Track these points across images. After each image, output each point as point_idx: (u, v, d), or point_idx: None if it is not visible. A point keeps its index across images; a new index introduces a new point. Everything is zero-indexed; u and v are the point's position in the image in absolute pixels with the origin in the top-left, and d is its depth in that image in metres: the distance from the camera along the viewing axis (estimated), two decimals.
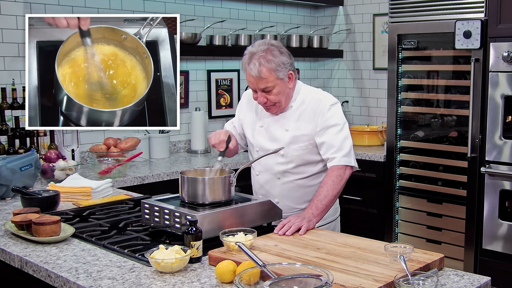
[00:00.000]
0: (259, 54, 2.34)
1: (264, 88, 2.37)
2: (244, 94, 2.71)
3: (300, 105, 2.47)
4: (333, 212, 2.60)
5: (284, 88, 2.41)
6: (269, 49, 2.36)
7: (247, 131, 2.62)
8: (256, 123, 2.57)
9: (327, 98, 2.47)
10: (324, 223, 2.54)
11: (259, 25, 4.68)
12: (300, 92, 2.50)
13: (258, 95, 2.41)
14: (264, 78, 2.34)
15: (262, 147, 2.53)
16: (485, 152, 3.45)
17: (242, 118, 2.65)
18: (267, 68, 2.33)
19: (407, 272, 1.60)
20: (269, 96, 2.39)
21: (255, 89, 2.40)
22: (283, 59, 2.37)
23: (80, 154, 3.65)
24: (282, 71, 2.37)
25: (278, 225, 2.13)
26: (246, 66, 2.37)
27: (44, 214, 2.16)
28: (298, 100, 2.49)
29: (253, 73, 2.34)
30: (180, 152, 4.28)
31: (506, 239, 3.40)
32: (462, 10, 3.57)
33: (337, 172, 2.37)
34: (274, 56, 2.35)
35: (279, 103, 2.43)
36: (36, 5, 3.50)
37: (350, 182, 4.30)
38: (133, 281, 1.68)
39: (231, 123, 2.71)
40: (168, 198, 2.23)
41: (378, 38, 4.81)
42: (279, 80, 2.37)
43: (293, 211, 2.49)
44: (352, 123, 5.03)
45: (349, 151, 2.41)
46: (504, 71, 3.34)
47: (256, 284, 1.54)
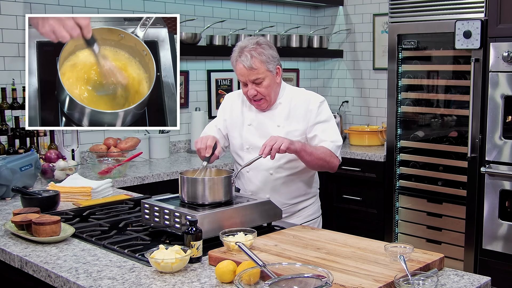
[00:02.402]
0: (250, 47, 2.47)
1: (255, 79, 2.47)
2: (226, 97, 2.78)
3: (289, 103, 2.57)
4: (318, 208, 2.75)
5: (273, 81, 2.52)
6: (258, 43, 2.50)
7: (232, 132, 2.66)
8: (243, 123, 2.63)
9: (315, 96, 2.59)
10: (311, 218, 2.67)
11: (259, 25, 4.68)
12: (286, 89, 2.62)
13: (249, 87, 2.50)
14: (256, 69, 2.45)
15: (252, 145, 2.57)
16: (485, 152, 3.45)
17: (227, 119, 2.69)
18: (259, 60, 2.46)
19: (407, 272, 1.60)
20: (259, 88, 2.49)
21: (245, 81, 2.50)
22: (272, 53, 2.51)
23: (80, 154, 3.65)
24: (272, 64, 2.49)
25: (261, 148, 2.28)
26: (238, 58, 2.49)
27: (44, 214, 2.16)
28: (285, 97, 2.59)
29: (245, 64, 2.45)
30: (180, 152, 4.28)
31: (506, 239, 3.40)
32: (462, 10, 3.57)
33: (329, 152, 2.47)
34: (264, 49, 2.49)
35: (268, 96, 2.52)
36: (36, 5, 3.50)
37: (350, 182, 4.33)
38: (133, 281, 1.68)
39: (215, 126, 2.72)
40: (168, 198, 2.23)
41: (378, 38, 4.81)
42: (269, 72, 2.49)
43: (284, 206, 2.54)
44: (352, 123, 5.03)
45: (339, 145, 2.52)
46: (504, 71, 3.34)
47: (256, 284, 1.54)
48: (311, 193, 2.68)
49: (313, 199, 2.70)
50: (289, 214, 2.60)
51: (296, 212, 2.63)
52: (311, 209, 2.68)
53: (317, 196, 2.74)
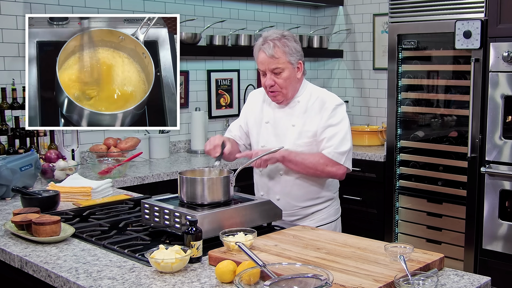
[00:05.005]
0: (274, 37, 2.46)
1: (274, 68, 2.44)
2: (250, 94, 2.77)
3: (307, 101, 2.53)
4: (334, 212, 2.64)
5: (293, 75, 2.49)
6: (283, 34, 2.47)
7: (252, 129, 2.66)
8: (262, 120, 2.61)
9: (334, 97, 2.55)
10: (325, 222, 2.58)
11: (259, 25, 4.68)
12: (307, 88, 2.57)
13: (267, 77, 2.47)
14: (277, 58, 2.43)
15: (267, 143, 2.57)
16: (485, 152, 3.45)
17: (248, 116, 2.69)
18: (282, 50, 2.44)
19: (407, 272, 1.60)
20: (278, 79, 2.46)
21: (265, 70, 2.47)
22: (296, 46, 2.49)
23: (80, 154, 3.65)
24: (294, 56, 2.47)
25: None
26: (260, 46, 2.47)
27: (44, 214, 2.16)
28: (305, 95, 2.55)
29: (267, 52, 2.43)
30: (180, 152, 4.28)
31: (506, 239, 3.40)
32: (462, 10, 3.57)
33: (324, 161, 2.43)
34: (288, 40, 2.47)
35: (285, 89, 2.48)
36: (36, 5, 3.50)
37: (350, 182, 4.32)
38: (133, 281, 1.68)
39: (237, 123, 2.74)
40: (168, 198, 2.23)
41: (378, 38, 4.81)
42: (290, 64, 2.46)
43: (294, 209, 2.52)
44: (352, 123, 4.98)
45: (345, 151, 2.46)
46: (504, 71, 3.34)
47: (256, 284, 1.54)
48: (324, 197, 2.58)
49: (328, 203, 2.60)
50: (301, 217, 2.55)
51: (309, 216, 2.56)
52: (324, 213, 2.59)
53: (333, 200, 2.64)
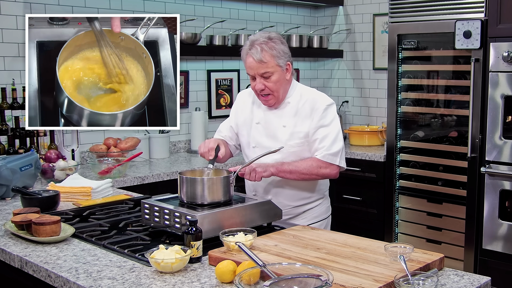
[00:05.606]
0: (261, 41, 2.44)
1: (264, 73, 2.44)
2: (239, 95, 2.77)
3: (297, 102, 2.53)
4: (325, 210, 2.70)
5: (282, 77, 2.48)
6: (270, 37, 2.47)
7: (242, 130, 2.66)
8: (252, 121, 2.62)
9: (324, 98, 2.55)
10: (316, 221, 2.63)
11: (259, 25, 4.68)
12: (297, 89, 2.58)
13: (257, 81, 2.47)
14: (265, 62, 2.42)
15: (259, 144, 2.57)
16: (485, 152, 3.45)
17: (238, 117, 2.69)
18: (269, 53, 2.43)
19: (407, 272, 1.60)
20: (268, 83, 2.46)
21: (254, 74, 2.47)
22: (283, 48, 2.48)
23: (80, 154, 3.65)
24: (282, 59, 2.46)
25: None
26: (248, 51, 2.45)
27: (44, 214, 2.16)
28: (295, 96, 2.56)
29: (255, 57, 2.42)
30: (180, 152, 4.28)
31: (506, 239, 3.40)
32: (462, 10, 3.57)
33: (318, 164, 2.46)
34: (275, 43, 2.45)
35: (276, 92, 2.49)
36: (36, 5, 3.50)
37: (350, 182, 4.32)
38: (133, 281, 1.68)
39: (228, 123, 2.73)
40: (168, 198, 2.23)
41: (378, 38, 4.81)
42: (279, 67, 2.46)
43: (286, 208, 2.53)
44: (352, 123, 5.03)
45: (337, 151, 2.48)
46: (504, 71, 3.34)
47: (256, 284, 1.54)
48: (316, 195, 2.63)
49: (319, 201, 2.65)
50: (293, 216, 2.58)
51: (300, 214, 2.60)
52: (316, 211, 2.63)
53: (324, 197, 2.69)
